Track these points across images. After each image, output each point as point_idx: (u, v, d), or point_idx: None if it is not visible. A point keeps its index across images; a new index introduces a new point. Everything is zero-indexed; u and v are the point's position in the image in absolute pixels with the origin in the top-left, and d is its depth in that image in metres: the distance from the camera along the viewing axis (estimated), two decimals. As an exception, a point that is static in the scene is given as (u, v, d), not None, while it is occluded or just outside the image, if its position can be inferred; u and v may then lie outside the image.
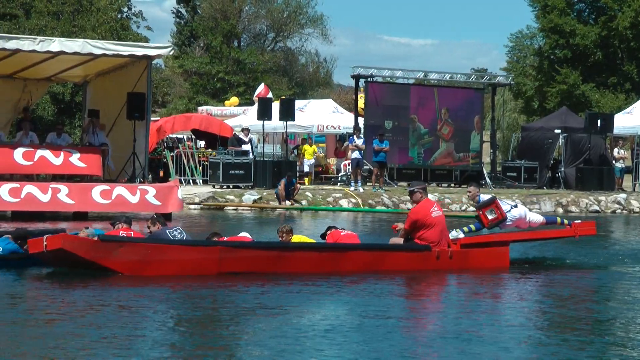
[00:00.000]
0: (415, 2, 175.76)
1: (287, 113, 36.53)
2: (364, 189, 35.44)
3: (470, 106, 41.74)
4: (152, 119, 33.15)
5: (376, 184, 36.06)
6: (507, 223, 18.14)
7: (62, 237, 14.55)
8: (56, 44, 27.31)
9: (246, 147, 37.93)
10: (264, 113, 36.42)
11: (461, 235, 17.60)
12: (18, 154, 26.91)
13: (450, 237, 16.97)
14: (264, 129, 37.99)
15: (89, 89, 32.94)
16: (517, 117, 70.01)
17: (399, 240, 16.68)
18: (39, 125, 37.84)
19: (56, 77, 33.35)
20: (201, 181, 38.04)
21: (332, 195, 34.18)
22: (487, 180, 40.73)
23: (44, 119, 51.20)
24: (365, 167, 36.97)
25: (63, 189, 26.26)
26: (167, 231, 15.43)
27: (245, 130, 39.11)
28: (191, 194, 32.58)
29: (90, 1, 64.51)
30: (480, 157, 42.12)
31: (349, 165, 38.44)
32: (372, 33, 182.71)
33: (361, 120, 39.45)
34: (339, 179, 40.01)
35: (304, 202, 32.99)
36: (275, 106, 37.93)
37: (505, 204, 18.28)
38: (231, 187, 34.95)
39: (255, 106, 41.52)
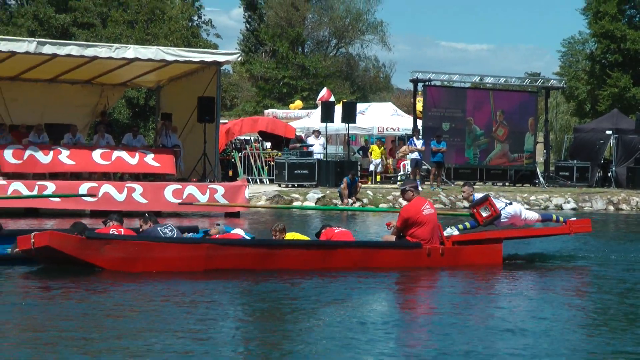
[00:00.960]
0: (471, 9, 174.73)
1: (349, 116, 36.56)
2: (422, 188, 35.31)
3: (524, 109, 41.54)
4: (221, 121, 33.34)
5: (434, 183, 36.05)
6: (502, 220, 17.79)
7: (49, 235, 14.23)
8: (131, 51, 27.53)
9: (315, 147, 37.93)
10: (327, 116, 36.49)
11: (455, 233, 17.36)
12: (96, 154, 27.19)
13: (445, 234, 16.58)
14: (327, 131, 38.06)
15: (162, 93, 33.18)
16: (570, 119, 69.34)
17: (392, 238, 16.30)
18: (115, 127, 38.13)
19: (131, 83, 33.61)
20: (267, 180, 38.18)
21: (391, 193, 34.12)
22: (541, 179, 40.50)
23: (119, 122, 51.63)
24: (423, 167, 36.93)
25: (138, 188, 26.48)
26: (158, 229, 15.15)
27: (316, 132, 39.18)
28: (258, 192, 32.69)
29: (162, 10, 64.94)
30: (534, 157, 41.92)
31: (407, 165, 38.44)
32: (429, 39, 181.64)
33: (420, 123, 39.38)
34: (398, 178, 39.93)
35: (365, 200, 32.96)
36: (338, 109, 37.96)
37: (499, 202, 18.03)
38: (296, 185, 35.03)
39: (319, 109, 41.56)
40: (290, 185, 35.12)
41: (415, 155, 35.79)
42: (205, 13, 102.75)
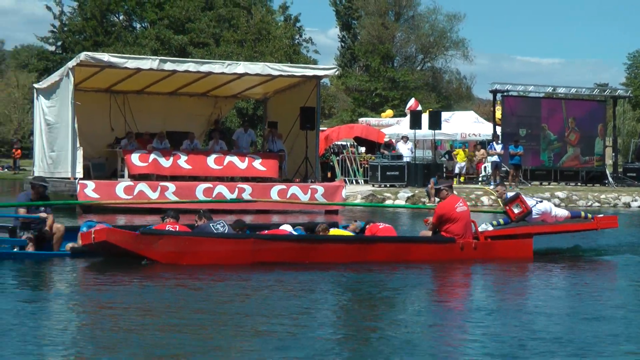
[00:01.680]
0: (543, 26, 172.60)
1: (435, 123, 36.18)
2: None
3: (594, 116, 40.71)
4: (320, 128, 33.25)
5: (512, 183, 35.55)
6: (534, 217, 17.26)
7: (107, 231, 14.11)
8: (241, 67, 27.61)
9: (403, 151, 37.64)
10: (415, 123, 36.19)
11: (490, 228, 16.87)
12: (211, 159, 27.29)
13: (480, 230, 16.10)
14: (415, 137, 37.77)
15: (269, 104, 33.20)
16: (635, 125, 67.90)
17: (428, 233, 15.93)
18: (227, 134, 38.35)
19: (241, 95, 33.74)
20: (362, 181, 37.96)
21: (474, 193, 33.69)
22: (610, 179, 39.67)
23: (231, 130, 51.93)
24: (502, 168, 36.47)
25: (247, 188, 26.50)
26: (210, 225, 14.79)
27: (404, 138, 38.88)
28: (354, 192, 32.50)
29: (268, 31, 65.19)
30: (603, 160, 41.06)
31: (487, 167, 38.10)
32: (506, 54, 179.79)
33: (499, 129, 38.89)
34: (480, 179, 39.50)
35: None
36: (425, 117, 37.62)
37: (530, 200, 17.52)
38: (388, 186, 34.75)
39: (407, 117, 41.26)
40: (382, 186, 34.86)
41: (495, 158, 35.65)
42: (306, 32, 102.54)
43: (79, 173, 26.10)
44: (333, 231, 15.70)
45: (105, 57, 26.44)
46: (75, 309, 10.62)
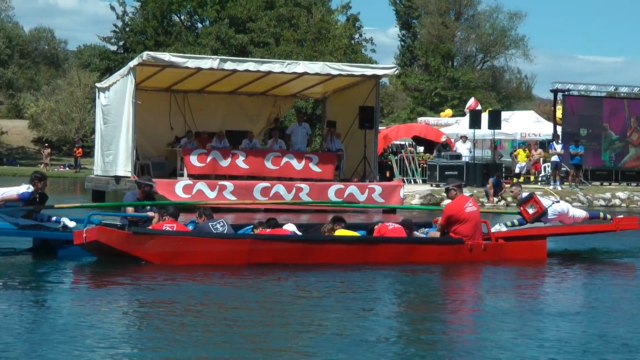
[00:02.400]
0: (605, 24, 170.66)
1: (495, 123, 35.96)
2: (562, 188, 34.61)
3: (657, 115, 40.13)
4: (379, 128, 33.20)
5: (572, 183, 35.26)
6: (550, 217, 16.55)
7: (98, 230, 13.75)
8: (301, 67, 27.67)
9: (463, 151, 37.46)
10: (475, 123, 36.02)
11: (503, 229, 16.30)
12: (268, 159, 27.43)
13: (493, 230, 15.64)
14: (474, 137, 37.58)
15: (327, 103, 33.26)
16: (700, 125, 66.79)
17: (437, 234, 15.39)
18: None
19: (300, 94, 33.82)
20: (420, 181, 37.86)
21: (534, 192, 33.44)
22: (673, 180, 39.14)
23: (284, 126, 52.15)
24: (562, 168, 36.17)
25: (305, 188, 26.58)
26: (209, 224, 14.38)
27: (463, 137, 38.69)
28: (412, 191, 32.43)
29: (328, 30, 65.34)
30: (666, 160, 40.44)
31: (547, 167, 37.80)
32: (567, 53, 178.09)
33: (559, 129, 38.56)
34: (539, 179, 39.19)
35: (509, 199, 32.35)
36: (484, 117, 37.42)
37: (546, 200, 16.91)
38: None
39: (467, 117, 41.05)
40: (441, 185, 34.73)
41: (555, 158, 35.31)
42: (365, 32, 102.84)
43: (129, 172, 26.48)
44: (340, 231, 15.13)
45: (166, 56, 26.71)
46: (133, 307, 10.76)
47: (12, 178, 55.24)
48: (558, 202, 17.28)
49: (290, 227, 15.26)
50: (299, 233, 15.13)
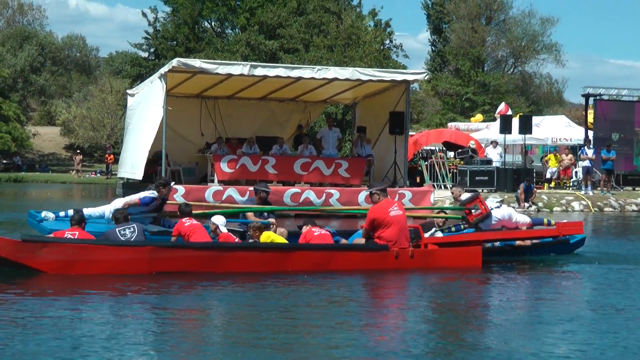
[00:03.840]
0: (637, 29, 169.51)
1: (525, 127, 35.83)
2: (593, 193, 34.43)
3: (690, 120, 39.83)
4: (409, 133, 33.19)
5: (604, 188, 35.05)
6: (493, 222, 16.11)
7: None
8: (331, 72, 27.69)
9: (494, 156, 37.35)
10: (505, 128, 35.92)
11: (438, 234, 15.78)
12: (298, 165, 27.49)
13: (426, 235, 15.07)
14: (504, 142, 37.45)
15: (357, 109, 33.28)
16: None
17: (361, 240, 14.68)
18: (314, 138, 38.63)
19: (330, 100, 33.85)
20: (451, 186, 37.78)
21: (565, 198, 33.31)
22: None
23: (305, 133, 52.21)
24: (594, 173, 35.98)
25: (335, 193, 26.60)
26: (117, 230, 13.69)
27: (494, 143, 38.59)
28: (442, 197, 32.37)
29: (358, 36, 65.36)
30: (699, 166, 40.13)
31: (578, 172, 37.61)
32: (598, 57, 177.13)
33: (591, 133, 38.36)
34: (571, 184, 38.98)
35: (540, 204, 32.23)
36: (515, 122, 37.30)
37: (490, 202, 16.56)
38: (480, 190, 34.47)
39: (497, 122, 40.93)
40: (471, 191, 34.61)
41: (587, 163, 35.08)
42: (396, 37, 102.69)
43: (139, 175, 26.72)
44: (267, 234, 14.52)
45: (197, 63, 26.85)
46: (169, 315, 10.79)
47: (44, 185, 55.72)
48: (499, 207, 16.72)
49: (218, 220, 14.80)
50: (223, 228, 14.66)
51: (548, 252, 16.64)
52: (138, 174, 27.08)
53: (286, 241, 14.73)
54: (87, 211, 15.80)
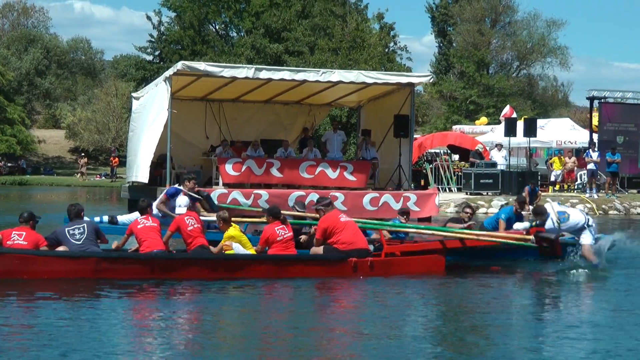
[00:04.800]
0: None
1: (530, 130, 35.86)
2: (598, 196, 34.44)
3: (695, 123, 39.82)
4: (414, 136, 33.20)
5: (609, 191, 35.06)
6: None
7: None
8: (335, 75, 27.66)
9: (499, 159, 37.35)
10: (510, 130, 35.92)
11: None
12: (303, 168, 27.47)
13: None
14: (509, 145, 37.47)
15: (362, 112, 33.26)
16: None
17: (319, 250, 14.49)
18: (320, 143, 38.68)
19: (335, 103, 33.84)
20: (456, 189, 37.80)
21: (569, 201, 33.28)
22: None
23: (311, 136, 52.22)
24: (599, 176, 35.99)
25: (340, 196, 26.55)
26: (66, 230, 13.37)
27: (499, 146, 38.61)
28: (447, 200, 32.41)
29: (363, 39, 65.37)
30: None
31: (583, 175, 37.66)
32: (604, 60, 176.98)
33: (595, 136, 38.36)
34: (576, 186, 39.00)
35: (545, 207, 32.22)
36: (520, 125, 37.32)
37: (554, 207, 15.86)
38: (483, 194, 34.51)
39: (502, 125, 40.95)
40: (476, 194, 34.67)
41: (592, 166, 35.10)
42: (400, 40, 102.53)
43: (145, 178, 26.77)
44: (233, 230, 14.48)
45: (201, 66, 26.85)
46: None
47: (49, 188, 55.80)
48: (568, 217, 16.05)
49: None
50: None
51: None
52: (143, 177, 27.13)
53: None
54: (121, 218, 16.08)
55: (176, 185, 16.20)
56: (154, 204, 16.53)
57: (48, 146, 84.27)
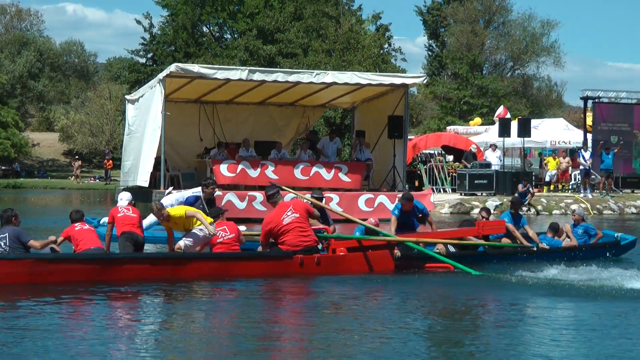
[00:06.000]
0: (636, 31, 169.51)
1: (524, 131, 35.85)
2: (592, 196, 34.45)
3: (689, 122, 39.84)
4: (408, 137, 33.20)
5: (603, 191, 35.07)
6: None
7: None
8: (329, 77, 27.69)
9: (493, 160, 37.33)
10: (504, 131, 35.90)
11: (357, 234, 15.14)
12: (297, 169, 27.45)
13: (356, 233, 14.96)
14: (504, 145, 37.47)
15: (356, 113, 33.29)
16: None
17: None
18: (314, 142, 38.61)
19: (329, 104, 33.87)
20: (450, 190, 37.78)
21: (564, 201, 33.33)
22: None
23: (318, 139, 52.19)
24: (592, 176, 35.99)
25: (335, 197, 26.56)
26: None
27: (493, 146, 38.61)
28: (441, 200, 32.38)
29: (357, 40, 65.34)
30: (698, 168, 40.13)
31: (576, 175, 37.68)
32: (598, 60, 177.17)
33: (589, 136, 38.38)
34: (570, 186, 39.02)
35: (539, 207, 32.25)
36: (514, 125, 37.32)
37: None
38: (478, 194, 34.47)
39: (496, 125, 40.96)
40: (470, 194, 34.65)
41: (585, 164, 35.17)
42: (394, 42, 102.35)
43: (145, 182, 26.69)
44: (178, 209, 14.42)
45: (195, 68, 26.85)
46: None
47: (43, 191, 55.70)
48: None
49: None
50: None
51: (604, 255, 16.46)
52: (144, 182, 27.04)
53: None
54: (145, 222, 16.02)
55: (195, 192, 16.10)
56: (169, 198, 16.60)
57: (42, 149, 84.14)
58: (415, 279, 14.04)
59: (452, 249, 15.81)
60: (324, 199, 16.63)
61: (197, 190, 16.36)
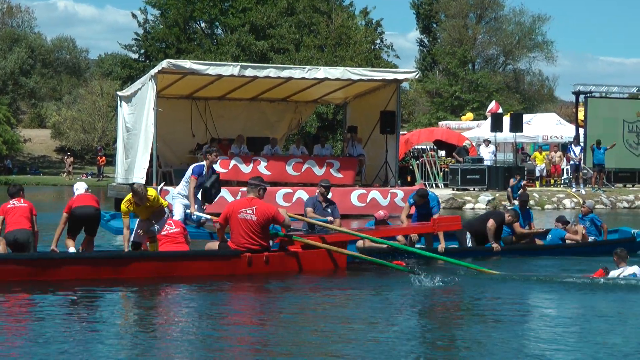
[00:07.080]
0: (628, 26, 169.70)
1: (516, 126, 35.92)
2: (585, 191, 34.51)
3: (680, 116, 39.90)
4: (400, 132, 33.22)
5: (595, 185, 35.15)
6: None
7: None
8: (321, 72, 27.63)
9: (486, 155, 37.39)
10: (496, 126, 35.98)
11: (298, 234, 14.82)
12: (289, 165, 27.44)
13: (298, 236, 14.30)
14: (496, 140, 37.52)
15: (348, 108, 33.25)
16: None
17: (214, 245, 13.89)
18: (307, 140, 38.62)
19: (321, 100, 33.81)
20: (442, 185, 37.82)
21: (556, 195, 33.39)
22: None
23: (310, 134, 52.22)
24: (583, 171, 36.06)
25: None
26: None
27: (486, 141, 38.66)
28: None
29: (349, 36, 65.38)
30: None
31: (568, 170, 37.74)
32: (590, 55, 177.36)
33: (581, 131, 38.45)
34: (562, 181, 39.08)
35: (531, 202, 32.28)
36: (506, 120, 37.38)
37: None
38: (471, 189, 34.51)
39: (488, 120, 41.02)
40: (462, 189, 34.70)
41: (575, 160, 35.29)
42: (386, 37, 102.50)
43: (142, 179, 26.57)
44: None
45: (187, 64, 26.79)
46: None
47: (35, 187, 55.62)
48: None
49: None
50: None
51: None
52: (142, 178, 26.92)
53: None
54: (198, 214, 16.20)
55: (200, 163, 16.52)
56: (177, 189, 17.14)
57: (34, 146, 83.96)
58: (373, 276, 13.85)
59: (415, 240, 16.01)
60: (330, 189, 17.22)
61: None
